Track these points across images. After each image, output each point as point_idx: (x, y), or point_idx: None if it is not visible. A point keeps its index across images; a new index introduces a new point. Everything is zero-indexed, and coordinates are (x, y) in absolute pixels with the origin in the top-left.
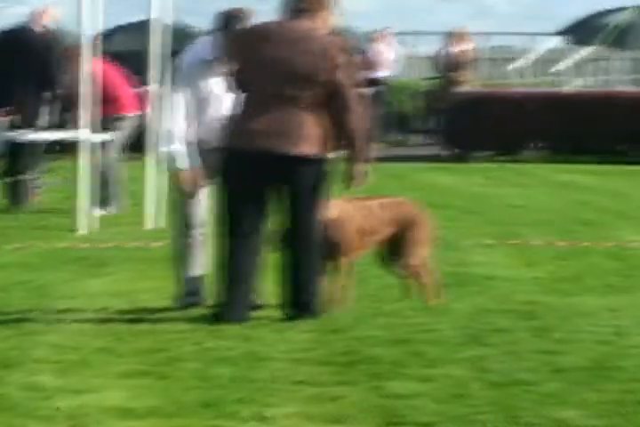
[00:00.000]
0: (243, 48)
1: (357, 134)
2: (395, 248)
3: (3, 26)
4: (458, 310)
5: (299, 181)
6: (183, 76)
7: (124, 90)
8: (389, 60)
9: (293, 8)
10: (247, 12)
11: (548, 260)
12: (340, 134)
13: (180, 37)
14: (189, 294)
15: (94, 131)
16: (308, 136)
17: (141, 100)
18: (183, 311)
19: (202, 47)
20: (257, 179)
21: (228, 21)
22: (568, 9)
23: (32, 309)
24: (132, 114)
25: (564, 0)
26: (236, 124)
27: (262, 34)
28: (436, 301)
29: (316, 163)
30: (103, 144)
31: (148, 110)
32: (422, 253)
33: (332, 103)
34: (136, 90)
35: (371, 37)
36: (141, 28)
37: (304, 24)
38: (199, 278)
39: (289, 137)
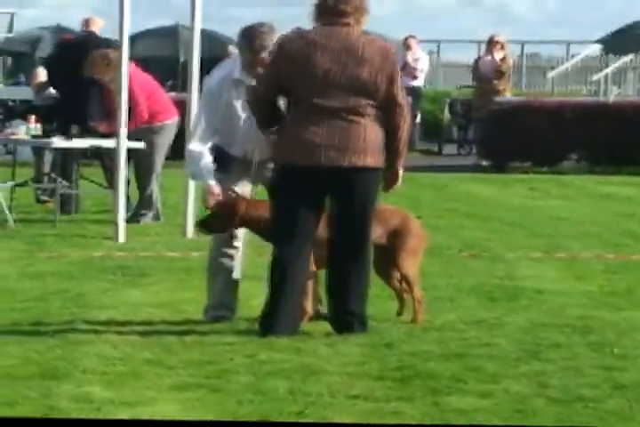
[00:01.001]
0: (292, 59)
1: (405, 142)
2: (385, 258)
3: (16, 29)
4: (511, 324)
5: (360, 193)
6: (210, 95)
7: (160, 97)
8: (421, 68)
9: (334, 12)
10: (269, 27)
11: (597, 273)
12: (390, 142)
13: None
14: (219, 306)
15: (131, 138)
16: (370, 147)
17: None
18: (230, 323)
19: (229, 67)
20: (316, 192)
21: (252, 39)
22: (595, 16)
23: (73, 319)
24: (169, 121)
25: (589, 7)
26: (294, 138)
27: (311, 42)
28: (422, 316)
29: (376, 173)
30: (141, 152)
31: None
32: (411, 265)
33: (388, 112)
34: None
35: (407, 43)
36: (162, 33)
37: (352, 30)
38: (231, 291)
39: (353, 149)
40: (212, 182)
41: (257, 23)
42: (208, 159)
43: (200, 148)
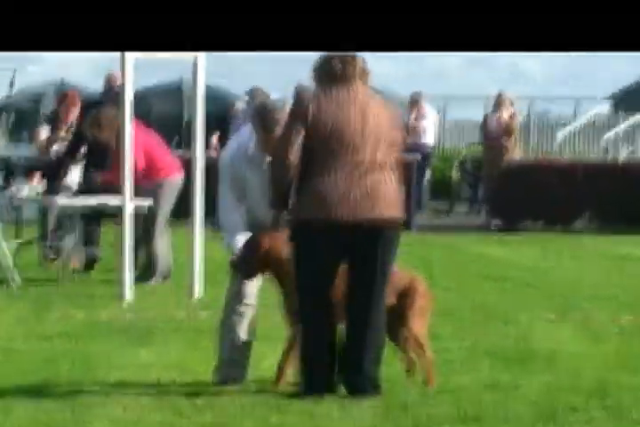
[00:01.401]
0: (312, 117)
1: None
2: (392, 319)
3: (18, 86)
4: (526, 386)
5: (384, 247)
6: (228, 171)
7: (163, 153)
8: (430, 126)
9: (341, 76)
10: (278, 106)
11: (613, 336)
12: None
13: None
14: (230, 367)
15: (136, 197)
16: (394, 201)
17: (180, 164)
18: (240, 385)
19: (244, 141)
20: (343, 247)
21: (265, 118)
22: (604, 74)
23: (82, 380)
24: (171, 178)
25: (599, 64)
26: (323, 193)
27: (328, 101)
28: (434, 378)
29: (398, 228)
30: (147, 211)
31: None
32: (422, 326)
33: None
34: (174, 153)
35: (407, 102)
36: (166, 90)
37: (361, 89)
38: (242, 352)
39: (381, 202)
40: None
41: (271, 103)
42: (238, 231)
43: (230, 218)
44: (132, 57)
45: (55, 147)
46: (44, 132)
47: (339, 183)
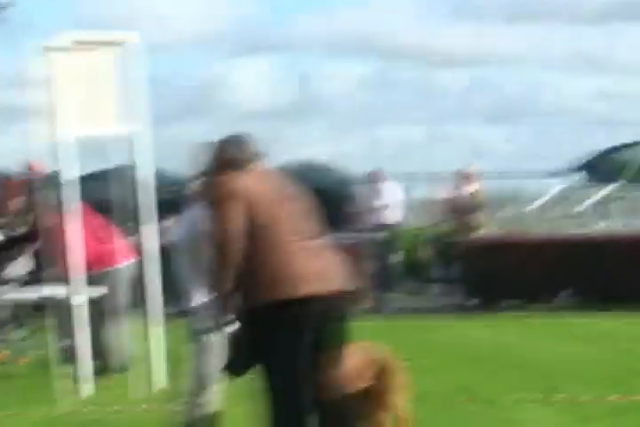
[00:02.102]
0: (249, 199)
1: None
2: (368, 400)
3: None
4: None
5: (345, 321)
6: (185, 246)
7: (113, 238)
8: (395, 204)
9: (236, 162)
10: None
11: (601, 416)
12: None
13: (165, 186)
14: None
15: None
16: (346, 273)
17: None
18: None
19: (194, 215)
20: (319, 326)
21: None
22: (566, 148)
23: None
24: (124, 264)
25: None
26: (286, 272)
27: (249, 182)
28: None
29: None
30: (97, 301)
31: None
32: (402, 404)
33: None
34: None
35: (369, 179)
36: (107, 176)
37: (263, 168)
38: None
39: (340, 274)
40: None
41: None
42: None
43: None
44: (70, 138)
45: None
46: None
47: (294, 260)
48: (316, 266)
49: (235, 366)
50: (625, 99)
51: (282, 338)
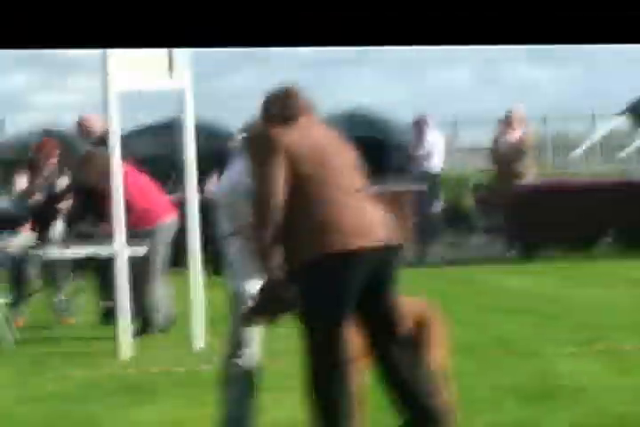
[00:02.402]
0: (298, 150)
1: None
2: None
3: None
4: (551, 425)
5: (395, 274)
6: (226, 209)
7: (156, 195)
8: (438, 152)
9: (290, 111)
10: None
11: None
12: None
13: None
14: (235, 422)
15: (130, 244)
16: (392, 226)
17: (174, 206)
18: None
19: (236, 174)
20: (364, 278)
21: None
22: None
23: None
24: (166, 221)
25: (617, 78)
26: (333, 226)
27: (302, 132)
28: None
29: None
30: (141, 258)
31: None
32: (443, 358)
33: None
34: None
35: (412, 127)
36: (157, 130)
37: (314, 120)
38: (247, 405)
39: (389, 226)
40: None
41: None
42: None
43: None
44: (115, 93)
45: (36, 196)
46: (21, 182)
47: (343, 213)
48: (365, 219)
49: (261, 314)
50: None
51: (327, 291)
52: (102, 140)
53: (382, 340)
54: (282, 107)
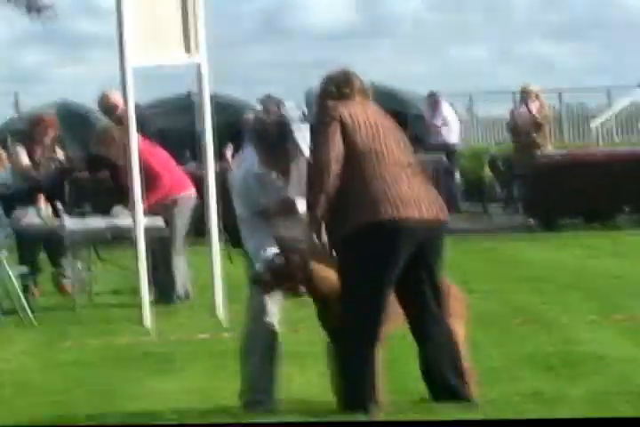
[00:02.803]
0: (353, 123)
1: None
2: None
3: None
4: (573, 395)
5: (441, 249)
6: (242, 190)
7: (174, 169)
8: (451, 125)
9: (346, 91)
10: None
11: None
12: None
13: (222, 111)
14: (256, 391)
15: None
16: (440, 201)
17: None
18: (269, 409)
19: (249, 160)
20: (411, 250)
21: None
22: (636, 60)
23: (100, 412)
24: (184, 194)
25: (632, 51)
26: (386, 195)
27: (355, 107)
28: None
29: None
30: (159, 229)
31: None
32: (460, 333)
33: None
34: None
35: (427, 101)
36: (174, 103)
37: (366, 101)
38: (268, 374)
39: (437, 201)
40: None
41: (265, 117)
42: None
43: (255, 241)
44: (131, 67)
45: (41, 170)
46: (23, 156)
47: (396, 184)
48: (415, 192)
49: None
50: None
51: (375, 258)
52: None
53: (419, 313)
54: (338, 86)
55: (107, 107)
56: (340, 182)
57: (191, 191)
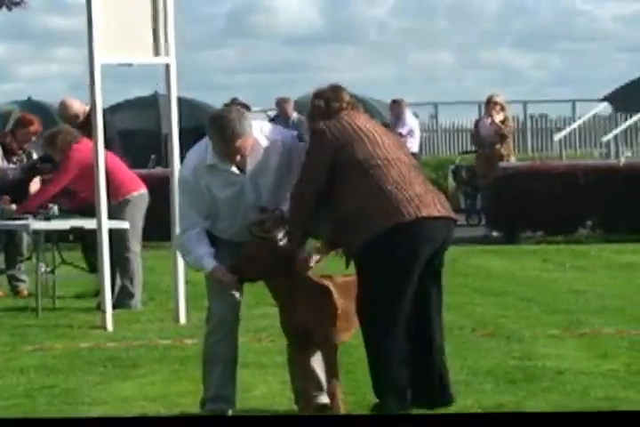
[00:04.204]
0: (343, 138)
1: None
2: None
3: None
4: (532, 408)
5: (445, 249)
6: (186, 184)
7: (124, 169)
8: (417, 133)
9: (333, 107)
10: (238, 112)
11: (622, 350)
12: None
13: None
14: (217, 399)
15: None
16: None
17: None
18: (230, 416)
19: (201, 153)
20: (431, 251)
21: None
22: (600, 74)
23: (61, 416)
24: (136, 193)
25: (595, 64)
26: (400, 198)
27: (346, 122)
28: None
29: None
30: (116, 232)
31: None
32: None
33: None
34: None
35: (395, 108)
36: (141, 104)
37: (358, 113)
38: (229, 382)
39: (445, 201)
40: (212, 266)
41: (224, 110)
42: (202, 246)
43: (189, 236)
44: (100, 65)
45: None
46: None
47: (410, 185)
48: (430, 190)
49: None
50: None
51: (401, 260)
52: (85, 124)
53: (427, 311)
54: (327, 101)
55: (66, 115)
56: (352, 196)
57: (144, 190)
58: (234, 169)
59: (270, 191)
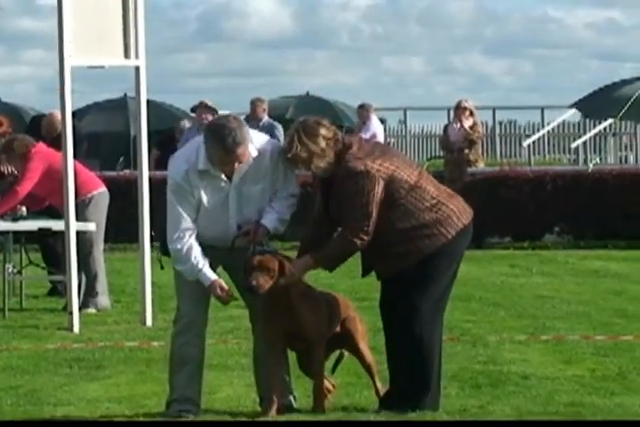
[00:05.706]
0: (382, 173)
1: None
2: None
3: None
4: (496, 412)
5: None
6: (178, 188)
7: (82, 169)
8: (381, 139)
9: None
10: (237, 121)
11: (587, 356)
12: None
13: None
14: (183, 400)
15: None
16: None
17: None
18: (194, 416)
19: (192, 157)
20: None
21: (223, 138)
22: (571, 80)
23: (26, 417)
24: (96, 192)
25: (565, 71)
26: (441, 211)
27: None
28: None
29: None
30: (82, 233)
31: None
32: (369, 351)
33: None
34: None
35: (361, 113)
36: (109, 107)
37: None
38: (195, 384)
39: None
40: (210, 280)
41: (223, 118)
42: (199, 256)
43: (183, 243)
44: (70, 66)
45: None
46: None
47: (442, 196)
48: (454, 196)
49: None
50: (633, 33)
51: (450, 271)
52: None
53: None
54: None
55: (51, 128)
56: (396, 221)
57: (104, 188)
58: (223, 176)
59: (252, 201)
